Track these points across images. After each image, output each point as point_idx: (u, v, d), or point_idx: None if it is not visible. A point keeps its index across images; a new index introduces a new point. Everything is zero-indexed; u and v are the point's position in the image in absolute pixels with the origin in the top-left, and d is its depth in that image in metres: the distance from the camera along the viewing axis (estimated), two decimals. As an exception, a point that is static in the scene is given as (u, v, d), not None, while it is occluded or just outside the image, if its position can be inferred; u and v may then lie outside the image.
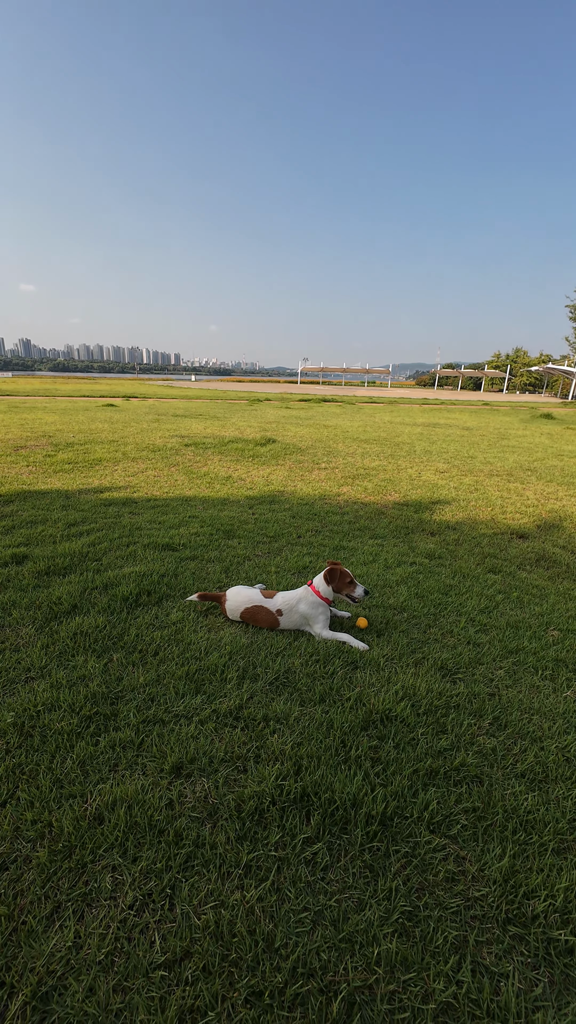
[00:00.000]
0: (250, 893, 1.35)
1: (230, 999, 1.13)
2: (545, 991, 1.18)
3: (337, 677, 2.32)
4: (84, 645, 2.48)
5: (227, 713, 2.05)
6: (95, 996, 1.13)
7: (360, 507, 5.33)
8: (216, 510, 4.97)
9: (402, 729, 1.99)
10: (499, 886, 1.40)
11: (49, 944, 1.22)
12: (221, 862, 1.44)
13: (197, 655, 2.44)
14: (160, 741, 1.88)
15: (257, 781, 1.70)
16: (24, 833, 1.50)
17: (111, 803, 1.59)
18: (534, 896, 1.37)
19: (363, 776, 1.74)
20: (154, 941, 1.24)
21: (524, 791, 1.72)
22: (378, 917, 1.31)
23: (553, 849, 1.52)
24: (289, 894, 1.36)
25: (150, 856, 1.44)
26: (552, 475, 7.43)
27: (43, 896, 1.33)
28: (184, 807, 1.61)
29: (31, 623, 2.68)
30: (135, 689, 2.17)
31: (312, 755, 1.83)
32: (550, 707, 2.19)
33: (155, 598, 3.00)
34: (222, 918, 1.28)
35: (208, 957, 1.20)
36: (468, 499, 5.81)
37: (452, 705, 2.16)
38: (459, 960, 1.23)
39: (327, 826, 1.56)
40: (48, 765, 1.75)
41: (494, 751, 1.91)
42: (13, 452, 7.55)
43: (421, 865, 1.46)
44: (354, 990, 1.16)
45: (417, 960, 1.22)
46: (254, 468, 7.11)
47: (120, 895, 1.34)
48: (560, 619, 3.02)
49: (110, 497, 5.31)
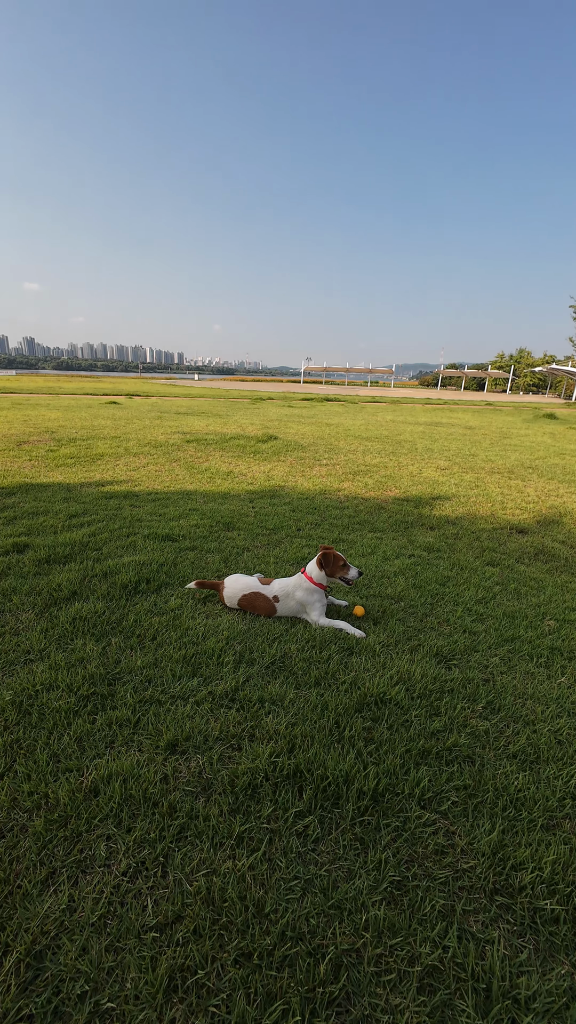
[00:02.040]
0: (241, 862, 1.37)
1: (220, 959, 1.16)
2: (530, 957, 1.20)
3: (333, 662, 2.34)
4: (83, 629, 2.51)
5: (223, 695, 2.07)
6: (88, 955, 1.15)
7: (360, 502, 5.34)
8: (216, 503, 5.00)
9: (396, 711, 2.01)
10: (487, 858, 1.41)
11: (43, 906, 1.25)
12: (214, 833, 1.46)
13: (195, 640, 2.46)
14: (156, 720, 1.90)
15: (251, 758, 1.72)
16: (21, 804, 1.53)
17: (107, 777, 1.62)
18: (522, 868, 1.39)
19: (356, 755, 1.76)
20: (146, 905, 1.26)
21: (515, 771, 1.74)
22: (367, 886, 1.33)
23: (542, 825, 1.54)
24: (280, 864, 1.38)
25: (144, 826, 1.47)
26: (553, 473, 7.43)
27: (38, 862, 1.36)
28: (179, 781, 1.63)
29: (31, 608, 2.71)
30: (133, 671, 2.20)
31: (306, 735, 1.85)
32: (544, 692, 2.20)
33: (154, 586, 3.03)
34: (214, 885, 1.31)
35: (199, 921, 1.23)
36: (468, 495, 5.82)
37: (446, 690, 2.18)
38: (446, 927, 1.25)
39: (319, 801, 1.58)
40: (46, 741, 1.78)
41: (487, 733, 1.93)
42: (16, 447, 7.60)
43: (411, 838, 1.48)
44: (341, 953, 1.18)
45: (404, 926, 1.24)
46: (255, 464, 7.14)
47: (114, 862, 1.37)
48: (557, 610, 3.03)
49: (111, 490, 5.35)
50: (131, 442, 8.48)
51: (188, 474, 6.31)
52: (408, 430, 12.84)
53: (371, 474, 6.76)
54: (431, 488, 6.09)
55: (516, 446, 10.48)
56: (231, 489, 5.65)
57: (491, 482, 6.59)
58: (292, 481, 6.17)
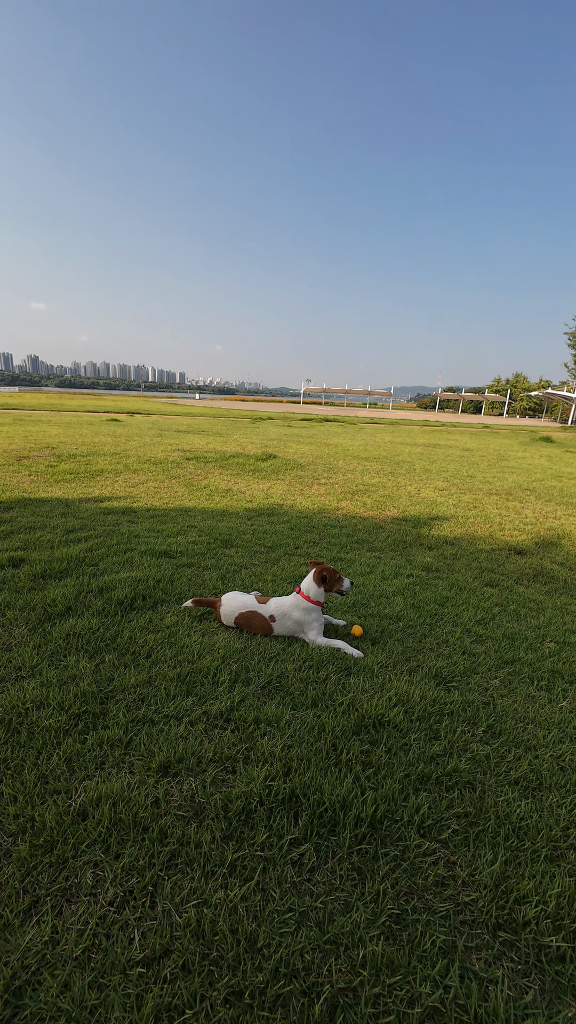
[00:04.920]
0: (234, 892, 1.32)
1: (209, 998, 1.09)
2: (535, 998, 1.14)
3: (330, 682, 2.30)
4: (76, 646, 2.47)
5: (217, 715, 2.02)
6: (70, 992, 1.09)
7: (359, 521, 5.34)
8: (215, 520, 4.98)
9: (394, 734, 1.97)
10: (490, 891, 1.36)
11: (25, 938, 1.19)
12: (205, 861, 1.40)
13: (190, 658, 2.42)
14: (149, 740, 1.85)
15: (245, 781, 1.67)
16: (6, 827, 1.47)
17: (96, 799, 1.56)
18: (525, 902, 1.34)
19: (353, 779, 1.71)
20: (133, 938, 1.20)
21: (517, 798, 1.69)
22: (364, 919, 1.27)
23: (546, 856, 1.48)
24: (274, 894, 1.32)
25: (133, 853, 1.41)
26: (551, 495, 7.46)
27: (22, 890, 1.30)
28: (170, 805, 1.58)
29: (24, 624, 2.67)
30: (126, 689, 2.15)
31: (302, 757, 1.80)
32: (545, 717, 2.16)
33: (150, 603, 3.00)
34: (204, 916, 1.25)
35: (188, 955, 1.17)
36: (467, 516, 5.82)
37: (446, 712, 2.14)
38: (447, 965, 1.19)
39: (315, 827, 1.53)
40: (34, 761, 1.72)
41: (487, 758, 1.88)
42: (16, 462, 7.61)
43: (410, 869, 1.42)
44: (337, 992, 1.12)
45: (404, 964, 1.18)
46: (254, 482, 7.16)
47: (101, 891, 1.31)
48: (557, 632, 3.00)
49: (110, 506, 5.34)
50: (131, 459, 8.51)
51: (187, 491, 6.31)
52: (406, 451, 12.93)
53: (369, 493, 6.77)
54: (429, 508, 6.10)
55: (514, 468, 10.55)
56: (230, 506, 5.65)
57: (489, 503, 6.61)
58: (291, 499, 6.17)
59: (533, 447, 16.79)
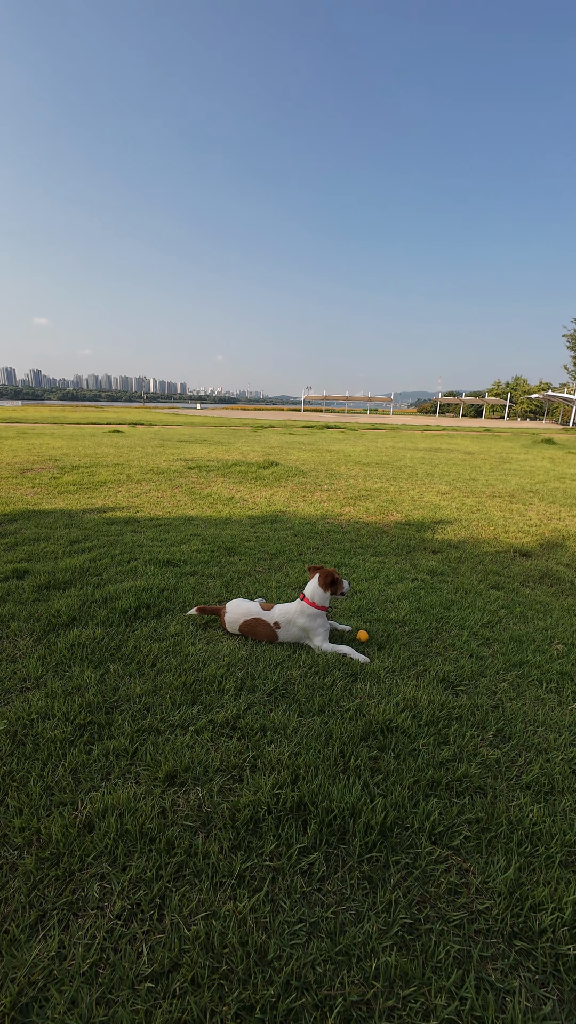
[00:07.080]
0: (243, 903, 1.29)
1: (219, 1013, 1.07)
2: (554, 1009, 1.11)
3: (337, 688, 2.28)
4: (81, 656, 2.46)
5: (224, 723, 2.00)
6: (77, 1008, 1.07)
7: (362, 526, 5.33)
8: (218, 529, 4.98)
9: (403, 740, 1.94)
10: (504, 899, 1.33)
11: (31, 954, 1.17)
12: (213, 871, 1.38)
13: (195, 666, 2.41)
14: (155, 750, 1.83)
15: (253, 790, 1.65)
16: (11, 840, 1.46)
17: (102, 811, 1.54)
18: (541, 909, 1.31)
19: (362, 786, 1.69)
20: (141, 952, 1.18)
21: (529, 803, 1.66)
22: (376, 930, 1.25)
23: (560, 862, 1.45)
24: (284, 905, 1.30)
25: (140, 865, 1.39)
26: (554, 497, 7.43)
27: (28, 904, 1.28)
28: (177, 816, 1.56)
29: (29, 635, 2.67)
30: (131, 699, 2.14)
31: (310, 765, 1.78)
32: (555, 719, 2.13)
33: (154, 611, 2.99)
34: (213, 929, 1.23)
35: (197, 969, 1.14)
36: (470, 519, 5.80)
37: (454, 717, 2.11)
38: (462, 975, 1.16)
39: (324, 836, 1.50)
40: (39, 772, 1.71)
41: (498, 762, 1.85)
42: (19, 474, 7.65)
43: (422, 877, 1.39)
44: (350, 1005, 1.09)
45: (418, 975, 1.15)
46: (257, 489, 7.16)
47: (108, 904, 1.29)
48: (564, 633, 2.96)
49: (113, 516, 5.35)
50: (133, 469, 8.54)
51: (190, 500, 6.32)
52: (408, 456, 12.93)
53: (372, 499, 6.76)
54: (433, 512, 6.08)
55: (516, 470, 10.52)
56: (233, 514, 5.65)
57: (492, 506, 6.58)
58: (293, 506, 6.17)
59: (535, 449, 16.76)
